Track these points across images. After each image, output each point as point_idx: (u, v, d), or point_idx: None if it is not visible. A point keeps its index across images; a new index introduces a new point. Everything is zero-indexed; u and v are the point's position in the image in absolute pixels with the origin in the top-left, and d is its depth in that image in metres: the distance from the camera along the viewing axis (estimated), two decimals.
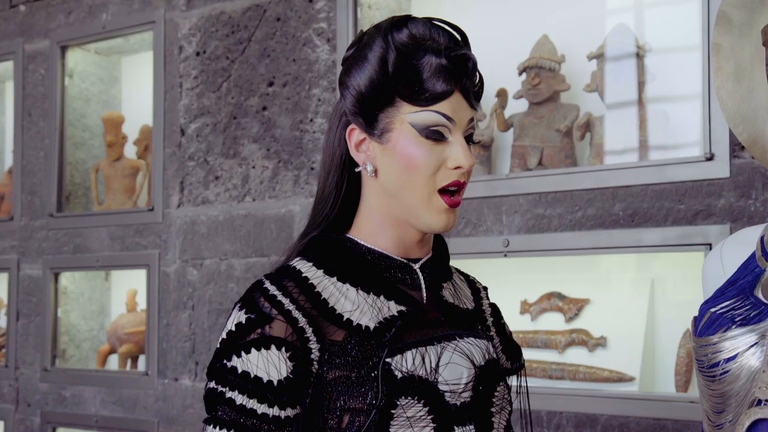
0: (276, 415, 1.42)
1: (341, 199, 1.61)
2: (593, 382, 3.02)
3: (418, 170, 1.50)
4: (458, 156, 1.50)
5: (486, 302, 1.78)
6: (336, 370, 1.45)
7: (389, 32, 1.52)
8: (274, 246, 3.63)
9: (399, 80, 1.50)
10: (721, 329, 1.50)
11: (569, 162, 3.12)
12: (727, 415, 1.48)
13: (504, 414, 1.60)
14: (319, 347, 1.46)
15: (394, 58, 1.50)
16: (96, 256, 4.17)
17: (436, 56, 1.49)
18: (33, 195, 4.43)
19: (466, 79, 1.52)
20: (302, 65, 3.60)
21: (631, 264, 3.13)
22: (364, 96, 1.53)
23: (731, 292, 1.57)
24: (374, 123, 1.54)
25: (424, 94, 1.49)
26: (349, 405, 1.43)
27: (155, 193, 3.99)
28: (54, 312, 4.35)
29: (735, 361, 1.46)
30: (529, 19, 3.35)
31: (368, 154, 1.56)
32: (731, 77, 1.65)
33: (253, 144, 3.71)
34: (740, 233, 1.71)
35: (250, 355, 1.44)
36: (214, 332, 3.76)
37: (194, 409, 3.80)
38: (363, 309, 1.51)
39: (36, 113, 4.46)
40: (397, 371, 1.45)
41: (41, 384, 4.34)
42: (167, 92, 3.98)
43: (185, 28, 3.94)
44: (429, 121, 1.49)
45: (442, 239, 1.71)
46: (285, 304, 1.48)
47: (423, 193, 1.51)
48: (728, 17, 1.66)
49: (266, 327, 1.45)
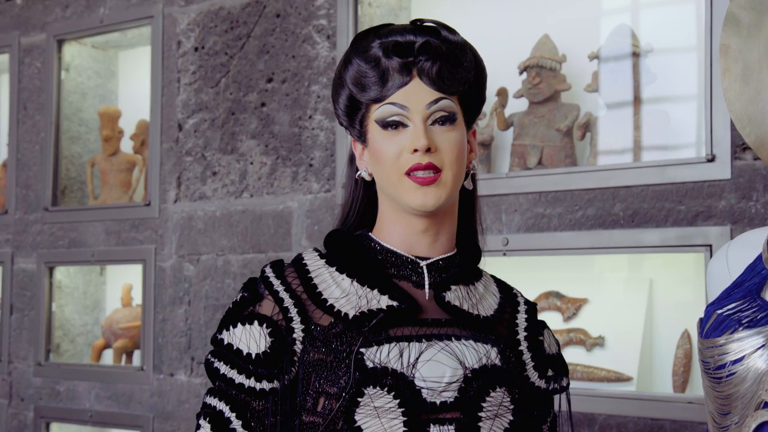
0: (252, 386, 1.53)
1: (358, 207, 1.72)
2: (591, 381, 3.02)
3: (383, 160, 1.58)
4: (412, 139, 1.55)
5: (522, 317, 1.74)
6: (316, 353, 1.53)
7: (350, 51, 1.64)
8: (271, 242, 3.62)
9: (359, 90, 1.61)
10: (728, 331, 1.50)
11: (569, 162, 3.12)
12: (733, 417, 1.48)
13: (501, 422, 1.56)
14: (303, 328, 1.55)
15: (352, 73, 1.61)
16: (91, 251, 4.15)
17: (384, 56, 1.58)
18: (28, 189, 4.42)
19: (426, 62, 1.57)
20: (302, 62, 3.59)
21: (630, 264, 3.13)
22: (344, 111, 1.66)
23: (738, 294, 1.57)
24: (359, 131, 1.65)
25: (378, 93, 1.58)
26: (323, 388, 1.50)
27: (152, 188, 3.98)
28: (48, 306, 4.33)
29: (741, 363, 1.46)
30: (530, 19, 3.35)
31: (364, 161, 1.67)
32: (739, 79, 1.65)
33: (251, 140, 3.70)
34: (746, 235, 1.70)
35: (236, 329, 1.57)
36: (210, 328, 3.75)
37: (190, 404, 3.79)
38: (350, 298, 1.57)
39: (32, 107, 4.45)
40: (369, 361, 1.49)
41: (35, 378, 4.32)
42: (165, 87, 3.97)
43: (184, 23, 3.93)
44: (386, 113, 1.58)
45: (475, 242, 1.74)
46: (275, 286, 1.59)
47: (393, 179, 1.57)
48: (737, 18, 1.65)
49: (256, 305, 1.59)
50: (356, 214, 1.72)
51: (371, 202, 1.71)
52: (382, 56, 1.58)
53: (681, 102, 3.03)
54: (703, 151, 2.79)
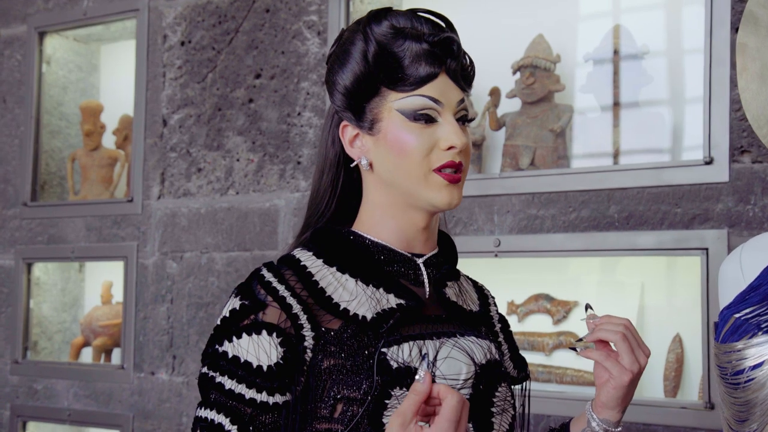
0: (264, 400, 1.43)
1: (337, 197, 1.64)
2: (581, 385, 3.00)
3: (411, 154, 1.51)
4: (450, 136, 1.51)
5: (494, 309, 1.80)
6: (331, 359, 1.45)
7: (368, 25, 1.54)
8: (257, 240, 3.58)
9: (381, 70, 1.52)
10: (747, 336, 1.47)
11: (562, 163, 3.10)
12: (751, 425, 1.45)
13: (506, 417, 1.58)
14: (314, 335, 1.47)
15: (374, 49, 1.52)
16: (71, 247, 4.10)
17: (417, 42, 1.51)
18: (6, 183, 4.35)
19: (452, 61, 1.53)
20: (291, 58, 3.55)
21: (622, 267, 3.11)
22: (349, 91, 1.55)
23: (754, 297, 1.54)
24: (363, 116, 1.56)
25: (407, 80, 1.51)
26: (343, 394, 1.43)
27: (135, 184, 3.93)
28: (26, 303, 4.27)
29: (761, 369, 1.44)
30: (524, 18, 3.32)
31: (362, 148, 1.58)
32: (757, 78, 1.62)
33: (238, 136, 3.66)
34: (760, 238, 1.68)
35: (241, 341, 1.45)
36: (193, 326, 3.70)
37: (171, 403, 3.74)
38: (361, 300, 1.51)
39: (11, 100, 4.38)
40: (392, 361, 1.45)
41: (11, 377, 4.26)
42: (150, 82, 3.92)
43: (170, 17, 3.88)
44: (416, 105, 1.51)
45: (450, 239, 1.72)
46: (280, 291, 1.49)
47: (418, 175, 1.51)
48: (755, 17, 1.63)
49: (260, 313, 1.47)
50: (333, 207, 1.64)
51: (351, 192, 1.64)
52: (412, 41, 1.51)
53: (678, 104, 3.01)
54: (700, 154, 2.77)
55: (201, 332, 3.68)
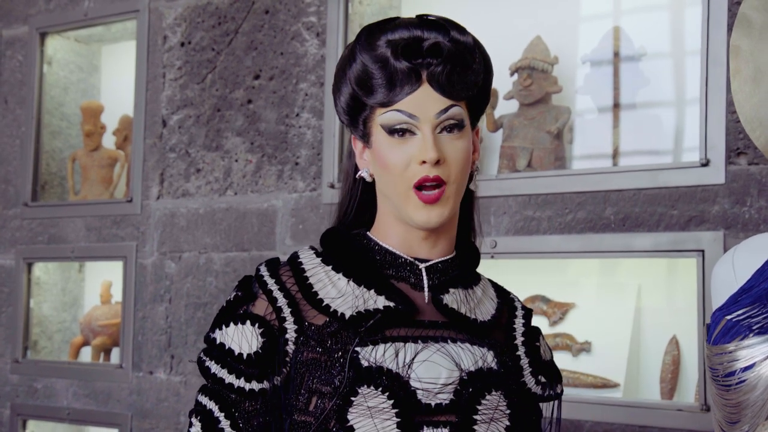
0: (241, 386, 1.52)
1: (356, 204, 1.68)
2: (577, 387, 3.00)
3: (390, 169, 1.54)
4: (421, 150, 1.51)
5: (520, 322, 1.73)
6: (310, 352, 1.51)
7: (357, 43, 1.58)
8: (255, 240, 3.58)
9: (361, 89, 1.56)
10: (738, 337, 1.48)
11: (559, 164, 3.10)
12: (743, 426, 1.45)
13: (498, 426, 1.53)
14: (296, 328, 1.53)
15: (356, 69, 1.56)
16: (71, 247, 4.11)
17: (394, 58, 1.52)
18: (7, 183, 4.36)
19: (434, 67, 1.53)
20: (290, 59, 3.55)
21: (619, 269, 3.11)
22: (344, 107, 1.61)
23: (746, 299, 1.54)
24: (361, 130, 1.60)
25: (385, 97, 1.53)
26: (316, 387, 1.48)
27: (134, 185, 3.94)
28: (26, 303, 4.28)
29: (752, 371, 1.44)
30: (524, 20, 3.32)
31: (365, 160, 1.63)
32: (749, 80, 1.63)
33: (236, 137, 3.66)
34: (753, 239, 1.68)
35: (228, 329, 1.55)
36: (191, 326, 3.71)
37: (169, 402, 3.75)
38: (346, 298, 1.55)
39: (12, 100, 4.39)
40: (363, 360, 1.47)
41: (12, 376, 4.26)
42: (149, 82, 3.93)
43: (170, 18, 3.89)
44: (393, 120, 1.53)
45: (473, 243, 1.72)
46: (269, 285, 1.57)
47: (400, 191, 1.54)
48: (749, 19, 1.63)
49: (250, 305, 1.57)
50: (354, 212, 1.68)
51: (370, 200, 1.68)
52: (390, 57, 1.52)
53: (675, 106, 3.02)
54: (697, 156, 2.77)
55: (199, 332, 3.68)
